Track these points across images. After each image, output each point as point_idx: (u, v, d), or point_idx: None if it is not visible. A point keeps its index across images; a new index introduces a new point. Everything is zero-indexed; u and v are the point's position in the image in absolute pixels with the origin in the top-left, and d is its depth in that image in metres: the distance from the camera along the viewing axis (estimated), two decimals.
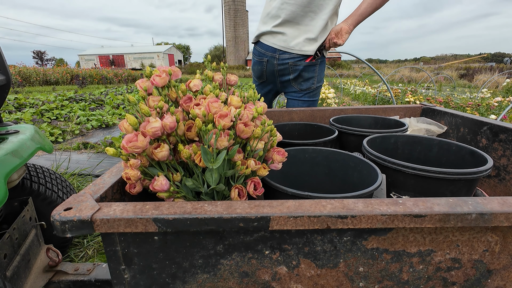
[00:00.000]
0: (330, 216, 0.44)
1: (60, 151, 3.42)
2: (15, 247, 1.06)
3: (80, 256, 1.60)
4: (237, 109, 0.62)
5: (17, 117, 4.49)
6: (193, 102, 0.63)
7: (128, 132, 0.55)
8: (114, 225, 0.43)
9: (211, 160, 0.53)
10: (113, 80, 18.37)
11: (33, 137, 1.19)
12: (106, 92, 9.26)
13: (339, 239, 0.50)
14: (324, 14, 1.38)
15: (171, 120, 0.54)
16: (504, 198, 0.49)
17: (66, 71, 16.82)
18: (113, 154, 0.52)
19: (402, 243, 0.50)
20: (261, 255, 0.51)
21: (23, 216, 1.16)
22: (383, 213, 0.45)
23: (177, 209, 0.45)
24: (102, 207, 0.46)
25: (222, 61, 10.21)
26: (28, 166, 1.41)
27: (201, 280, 0.53)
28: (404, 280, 0.53)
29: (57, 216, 0.43)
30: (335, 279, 0.53)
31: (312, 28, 1.40)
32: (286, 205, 0.47)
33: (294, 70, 1.49)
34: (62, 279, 1.09)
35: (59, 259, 1.14)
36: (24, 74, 14.10)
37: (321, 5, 1.37)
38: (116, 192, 0.59)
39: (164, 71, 0.63)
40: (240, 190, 0.58)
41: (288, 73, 1.52)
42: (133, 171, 0.54)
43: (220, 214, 0.44)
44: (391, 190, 0.78)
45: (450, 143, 0.91)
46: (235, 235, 0.49)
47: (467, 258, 0.52)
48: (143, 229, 0.44)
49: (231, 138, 0.57)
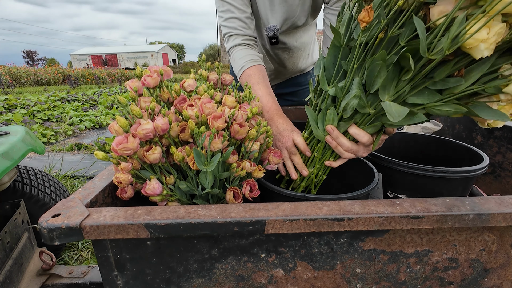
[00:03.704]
0: (326, 219, 0.44)
1: (53, 152, 3.37)
2: (7, 251, 1.05)
3: (74, 258, 1.58)
4: (232, 109, 0.61)
5: (8, 118, 4.40)
6: (187, 102, 0.61)
7: (118, 135, 0.54)
8: (104, 232, 0.42)
9: (205, 162, 0.52)
10: (106, 80, 18.21)
11: (24, 138, 1.17)
12: (99, 92, 9.16)
13: (335, 241, 0.49)
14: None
15: (163, 121, 0.53)
16: (501, 197, 0.49)
17: (58, 71, 16.62)
18: (103, 159, 0.50)
19: (399, 244, 0.50)
20: (257, 258, 0.50)
21: (15, 219, 1.14)
22: (380, 215, 0.44)
23: (170, 214, 0.44)
24: (91, 213, 0.44)
25: (216, 60, 10.17)
26: (19, 168, 1.38)
27: (196, 284, 0.51)
28: (401, 281, 0.53)
29: (44, 223, 0.41)
30: (332, 281, 0.53)
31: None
32: (281, 208, 0.46)
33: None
34: (56, 282, 1.08)
35: (53, 262, 1.13)
36: (14, 75, 13.88)
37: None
38: (107, 196, 0.58)
39: (156, 71, 0.61)
40: (236, 192, 0.57)
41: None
42: (124, 174, 0.52)
43: (214, 218, 0.43)
44: (387, 189, 0.78)
45: (446, 141, 0.91)
46: (230, 238, 0.48)
47: (464, 258, 0.52)
48: (134, 235, 0.43)
49: (226, 139, 0.55)
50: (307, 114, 0.67)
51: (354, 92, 0.55)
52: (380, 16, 0.50)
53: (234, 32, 0.97)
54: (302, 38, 1.26)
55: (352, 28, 0.58)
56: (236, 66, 0.96)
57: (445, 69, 0.48)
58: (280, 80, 1.45)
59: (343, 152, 0.63)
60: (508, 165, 0.98)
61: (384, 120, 0.58)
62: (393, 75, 0.52)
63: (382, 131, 0.62)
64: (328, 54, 0.61)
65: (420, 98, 0.52)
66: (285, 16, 1.07)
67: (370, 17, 0.49)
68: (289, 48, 1.24)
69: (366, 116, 0.60)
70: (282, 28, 1.11)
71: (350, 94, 0.57)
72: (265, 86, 0.88)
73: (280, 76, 1.42)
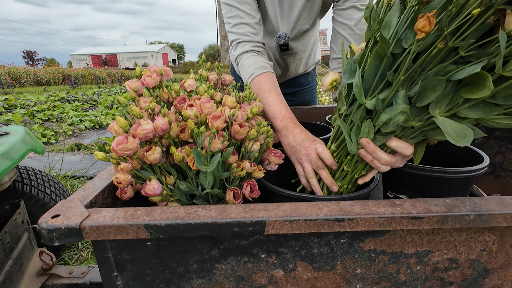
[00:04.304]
0: (327, 219, 0.43)
1: (53, 152, 3.37)
2: (7, 251, 1.05)
3: (74, 258, 1.58)
4: (232, 109, 0.61)
5: (7, 119, 4.40)
6: (187, 102, 0.61)
7: (118, 135, 0.54)
8: (104, 233, 0.42)
9: (205, 163, 0.52)
10: (106, 80, 18.20)
11: (24, 138, 1.17)
12: (99, 92, 9.16)
13: (336, 241, 0.49)
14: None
15: (163, 122, 0.53)
16: (502, 198, 0.49)
17: (58, 71, 16.61)
18: (103, 159, 0.50)
19: (399, 244, 0.50)
20: (257, 259, 0.50)
21: (15, 219, 1.14)
22: (381, 216, 0.44)
23: (170, 215, 0.44)
24: (91, 213, 0.44)
25: (216, 60, 10.16)
26: (19, 168, 1.38)
27: (196, 285, 0.51)
28: (402, 281, 0.53)
29: (44, 224, 0.41)
30: (332, 282, 0.52)
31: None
32: (281, 209, 0.46)
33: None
34: (56, 282, 1.08)
35: (53, 262, 1.13)
36: (14, 75, 13.87)
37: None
38: (107, 196, 0.58)
39: (155, 71, 0.61)
40: (236, 192, 0.57)
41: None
42: (124, 175, 0.52)
43: (214, 219, 0.43)
44: (387, 189, 0.78)
45: (446, 141, 0.91)
46: (230, 239, 0.48)
47: (464, 258, 0.52)
48: (134, 236, 0.43)
49: (226, 140, 0.55)
50: (340, 126, 0.60)
51: (401, 108, 0.49)
52: (442, 22, 0.43)
53: (243, 38, 0.95)
54: (307, 41, 1.26)
55: (400, 34, 0.49)
56: (245, 73, 0.92)
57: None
58: (281, 81, 1.45)
59: (380, 166, 0.58)
60: (508, 165, 0.98)
61: (431, 135, 0.53)
62: (450, 89, 0.46)
63: (425, 142, 0.57)
64: (370, 64, 0.54)
65: (475, 111, 0.46)
66: (295, 22, 1.06)
67: (431, 26, 0.42)
68: (295, 52, 1.24)
69: (408, 129, 0.54)
70: (292, 35, 1.11)
71: (394, 109, 0.50)
72: (276, 93, 0.84)
73: (283, 78, 1.42)
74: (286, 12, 1.03)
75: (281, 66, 1.31)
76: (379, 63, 0.53)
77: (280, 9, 1.03)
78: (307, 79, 1.48)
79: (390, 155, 0.57)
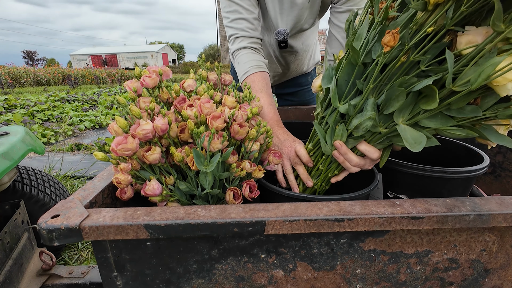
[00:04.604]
0: (326, 219, 0.43)
1: (53, 152, 3.37)
2: (7, 251, 1.04)
3: (74, 258, 1.58)
4: (232, 109, 0.61)
5: (7, 119, 4.40)
6: (187, 103, 0.61)
7: (118, 135, 0.54)
8: (103, 233, 0.42)
9: (205, 163, 0.52)
10: (106, 80, 18.19)
11: (24, 138, 1.17)
12: (99, 92, 9.16)
13: (336, 241, 0.49)
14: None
15: (163, 122, 0.53)
16: (502, 198, 0.49)
17: (58, 71, 16.59)
18: (102, 159, 0.50)
19: (399, 245, 0.50)
20: (257, 259, 0.50)
21: (14, 220, 1.14)
22: (381, 216, 0.44)
23: (169, 215, 0.44)
24: (91, 213, 0.44)
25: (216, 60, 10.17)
26: (19, 168, 1.38)
27: (196, 285, 0.51)
28: (402, 281, 0.53)
29: (44, 224, 0.41)
30: (332, 282, 0.52)
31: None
32: (281, 209, 0.46)
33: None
34: (56, 282, 1.08)
35: (53, 263, 1.13)
36: (14, 75, 13.86)
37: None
38: (107, 197, 0.58)
39: (154, 71, 0.61)
40: (236, 192, 0.57)
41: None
42: (124, 175, 0.52)
43: (214, 219, 0.43)
44: (388, 189, 0.78)
45: (446, 141, 0.91)
46: (230, 239, 0.48)
47: (464, 258, 0.51)
48: (134, 236, 0.43)
49: (225, 140, 0.55)
50: (315, 129, 0.65)
51: (369, 114, 0.54)
52: (404, 38, 0.48)
53: (240, 34, 0.96)
54: (307, 41, 1.26)
55: (369, 46, 0.55)
56: (241, 69, 0.95)
57: (465, 99, 0.47)
58: (282, 80, 1.45)
59: (350, 167, 0.63)
60: (508, 165, 0.98)
61: (395, 141, 0.57)
62: (411, 100, 0.51)
63: (390, 147, 0.62)
64: (342, 71, 0.59)
65: (433, 121, 0.51)
66: (295, 20, 1.06)
67: (396, 41, 0.47)
68: (295, 51, 1.24)
69: (377, 135, 0.59)
70: (291, 32, 1.11)
71: (364, 115, 0.55)
72: (267, 95, 0.88)
73: (283, 77, 1.42)
74: (286, 10, 1.03)
75: (281, 64, 1.31)
76: (351, 71, 0.58)
77: (280, 6, 1.03)
78: (307, 79, 1.48)
79: (360, 158, 0.62)
